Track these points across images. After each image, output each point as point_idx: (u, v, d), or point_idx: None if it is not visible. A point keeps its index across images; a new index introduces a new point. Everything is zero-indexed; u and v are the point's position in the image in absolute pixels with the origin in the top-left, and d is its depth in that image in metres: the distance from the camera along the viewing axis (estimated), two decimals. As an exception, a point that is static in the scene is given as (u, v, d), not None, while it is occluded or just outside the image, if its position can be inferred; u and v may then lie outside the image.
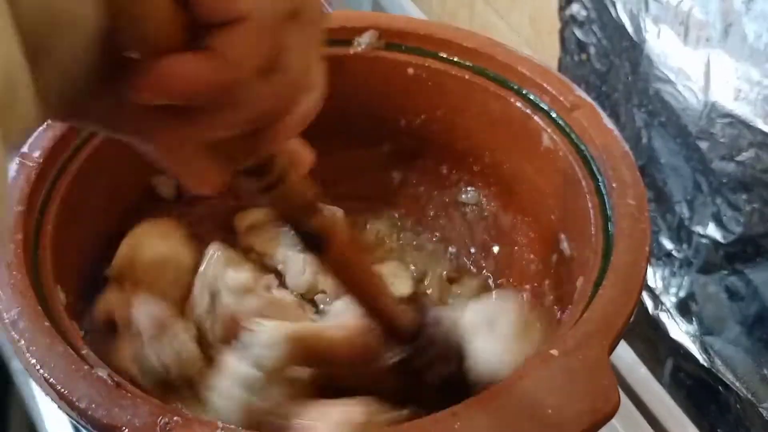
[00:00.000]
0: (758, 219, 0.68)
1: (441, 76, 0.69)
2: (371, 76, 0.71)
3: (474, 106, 0.69)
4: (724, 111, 0.68)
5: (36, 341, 0.49)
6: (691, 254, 0.76)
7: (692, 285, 0.77)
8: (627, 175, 0.58)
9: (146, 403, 0.46)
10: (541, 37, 0.97)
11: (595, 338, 0.49)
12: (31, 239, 0.55)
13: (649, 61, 0.74)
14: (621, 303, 0.51)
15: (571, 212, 0.63)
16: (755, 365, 0.72)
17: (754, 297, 0.71)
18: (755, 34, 0.65)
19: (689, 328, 0.78)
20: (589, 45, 0.85)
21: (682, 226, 0.76)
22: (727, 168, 0.69)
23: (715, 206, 0.72)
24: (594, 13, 0.83)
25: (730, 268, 0.72)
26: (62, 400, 0.46)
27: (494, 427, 0.45)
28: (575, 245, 0.62)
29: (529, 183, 0.68)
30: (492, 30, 1.06)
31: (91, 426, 0.46)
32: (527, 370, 0.47)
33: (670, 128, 0.74)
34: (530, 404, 0.46)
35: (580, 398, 0.46)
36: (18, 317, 0.50)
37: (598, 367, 0.47)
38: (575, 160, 0.62)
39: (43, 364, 0.47)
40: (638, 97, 0.77)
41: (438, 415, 0.46)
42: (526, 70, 0.66)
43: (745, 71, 0.66)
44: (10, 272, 0.52)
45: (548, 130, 0.64)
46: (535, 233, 0.70)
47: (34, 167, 0.58)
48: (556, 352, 0.48)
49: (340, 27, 0.70)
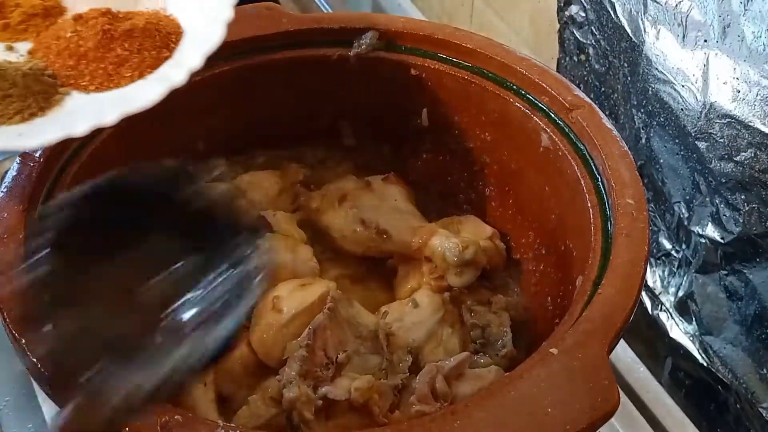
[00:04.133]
0: (757, 219, 0.69)
1: (440, 77, 0.70)
2: (371, 77, 0.71)
3: (473, 106, 0.69)
4: (723, 111, 0.68)
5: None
6: (690, 254, 0.76)
7: (691, 285, 0.77)
8: (626, 174, 0.58)
9: (147, 402, 0.46)
10: (540, 38, 0.97)
11: (595, 337, 0.49)
12: (32, 239, 0.55)
13: (647, 62, 0.75)
14: (620, 302, 0.51)
15: (570, 212, 0.63)
16: (754, 365, 0.72)
17: (753, 297, 0.71)
18: (753, 35, 0.65)
19: (688, 327, 0.78)
20: (588, 46, 0.85)
21: (681, 225, 0.76)
22: (726, 168, 0.69)
23: (714, 206, 0.72)
24: (593, 14, 0.83)
25: (728, 267, 0.72)
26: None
27: (493, 426, 0.45)
28: (574, 244, 0.62)
29: (528, 183, 0.69)
30: (491, 30, 1.06)
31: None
32: (527, 369, 0.48)
33: (669, 128, 0.74)
34: (529, 403, 0.46)
35: (580, 397, 0.46)
36: (19, 317, 0.50)
37: (597, 366, 0.48)
38: (574, 160, 0.62)
39: (44, 364, 0.47)
40: (637, 97, 0.77)
41: (438, 413, 0.46)
42: (525, 70, 0.66)
43: (744, 72, 0.66)
44: (11, 271, 0.52)
45: (547, 130, 0.64)
46: (534, 232, 0.70)
47: (35, 167, 0.58)
48: (555, 351, 0.48)
49: (340, 27, 0.70)
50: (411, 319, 0.63)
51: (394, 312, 0.63)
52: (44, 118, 0.54)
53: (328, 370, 0.55)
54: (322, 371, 0.55)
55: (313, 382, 0.54)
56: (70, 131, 0.51)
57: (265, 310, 0.61)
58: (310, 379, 0.54)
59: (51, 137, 0.52)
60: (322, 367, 0.55)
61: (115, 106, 0.53)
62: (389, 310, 0.64)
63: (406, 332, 0.62)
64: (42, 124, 0.53)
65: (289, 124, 0.74)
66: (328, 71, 0.71)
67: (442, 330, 0.63)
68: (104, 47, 0.56)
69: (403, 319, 0.63)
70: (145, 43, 0.57)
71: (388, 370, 0.58)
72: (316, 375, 0.55)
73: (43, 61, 0.57)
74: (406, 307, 0.64)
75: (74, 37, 0.57)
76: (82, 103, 0.55)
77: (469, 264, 0.65)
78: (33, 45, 0.59)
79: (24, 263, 0.45)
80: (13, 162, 0.59)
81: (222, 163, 0.74)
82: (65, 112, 0.54)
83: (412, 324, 0.62)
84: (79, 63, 0.56)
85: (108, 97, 0.55)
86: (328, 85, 0.71)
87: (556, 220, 0.65)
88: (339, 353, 0.56)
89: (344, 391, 0.54)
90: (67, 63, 0.56)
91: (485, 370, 0.58)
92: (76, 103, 0.55)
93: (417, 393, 0.55)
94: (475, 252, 0.65)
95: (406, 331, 0.62)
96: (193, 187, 0.50)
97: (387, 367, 0.58)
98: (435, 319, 0.63)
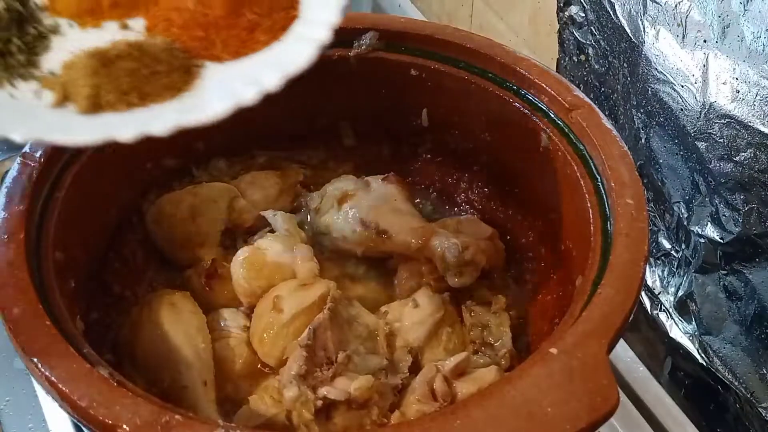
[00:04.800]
0: (756, 219, 0.69)
1: (440, 77, 0.70)
2: (371, 77, 0.71)
3: (473, 106, 0.69)
4: (722, 111, 0.68)
5: (37, 340, 0.49)
6: (690, 254, 0.76)
7: (691, 285, 0.77)
8: (625, 175, 0.58)
9: (147, 402, 0.46)
10: (540, 38, 0.97)
11: (594, 337, 0.49)
12: (32, 238, 0.56)
13: (647, 62, 0.75)
14: (620, 302, 0.51)
15: (569, 212, 0.63)
16: (754, 364, 0.72)
17: (753, 297, 0.71)
18: (753, 35, 0.65)
19: (688, 327, 0.78)
20: (588, 46, 0.85)
21: (681, 226, 0.76)
22: (725, 168, 0.69)
23: (714, 206, 0.72)
24: (593, 14, 0.83)
25: (728, 267, 0.72)
26: (63, 399, 0.47)
27: (493, 426, 0.45)
28: (574, 244, 0.62)
29: (528, 183, 0.69)
30: (491, 31, 1.06)
31: (92, 425, 0.46)
32: (527, 369, 0.48)
33: (669, 129, 0.74)
34: (529, 403, 0.46)
35: (579, 397, 0.46)
36: (19, 316, 0.50)
37: (597, 366, 0.48)
38: (574, 160, 0.62)
39: (44, 364, 0.48)
40: (637, 97, 0.77)
41: (438, 413, 0.46)
42: (525, 70, 0.66)
43: (743, 72, 0.66)
44: (11, 271, 0.52)
45: (547, 130, 0.64)
46: (534, 232, 0.70)
47: (36, 167, 0.58)
48: (555, 351, 0.48)
49: (340, 27, 0.70)
50: (411, 319, 0.63)
51: (394, 312, 0.64)
52: (192, 92, 0.51)
53: (328, 370, 0.55)
54: (322, 371, 0.55)
55: (313, 382, 0.54)
56: (238, 100, 0.48)
57: (265, 310, 0.61)
58: (310, 379, 0.55)
59: (219, 108, 0.48)
60: (322, 367, 0.55)
61: (270, 69, 0.50)
62: (389, 310, 0.64)
63: (406, 332, 0.62)
64: (197, 97, 0.50)
65: (289, 124, 0.74)
66: (328, 71, 0.71)
67: (442, 330, 0.63)
68: (234, 13, 0.53)
69: (403, 319, 0.63)
70: (273, 3, 0.54)
71: (388, 370, 0.58)
72: (316, 375, 0.55)
73: (167, 35, 0.53)
74: (406, 307, 0.64)
75: (198, 6, 0.53)
76: (227, 72, 0.52)
77: (468, 264, 0.65)
78: (147, 21, 0.55)
79: None
80: (13, 162, 0.59)
81: (222, 163, 0.74)
82: (213, 84, 0.51)
83: (412, 324, 0.62)
84: (209, 32, 0.53)
85: (254, 63, 0.52)
86: (328, 85, 0.71)
87: (556, 221, 0.65)
88: (339, 353, 0.56)
89: (344, 391, 0.54)
90: (196, 34, 0.53)
91: (485, 370, 0.58)
92: (218, 73, 0.52)
93: (417, 393, 0.55)
94: (475, 252, 0.65)
95: (406, 331, 0.62)
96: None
97: (387, 367, 0.59)
98: (435, 319, 0.63)
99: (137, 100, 0.49)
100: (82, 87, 0.49)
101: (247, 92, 0.49)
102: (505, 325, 0.65)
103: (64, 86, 0.50)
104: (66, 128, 0.48)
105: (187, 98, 0.50)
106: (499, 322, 0.65)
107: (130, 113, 0.49)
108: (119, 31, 0.55)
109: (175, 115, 0.48)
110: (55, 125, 0.48)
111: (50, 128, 0.48)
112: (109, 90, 0.49)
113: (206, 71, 0.52)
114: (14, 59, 0.52)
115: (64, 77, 0.51)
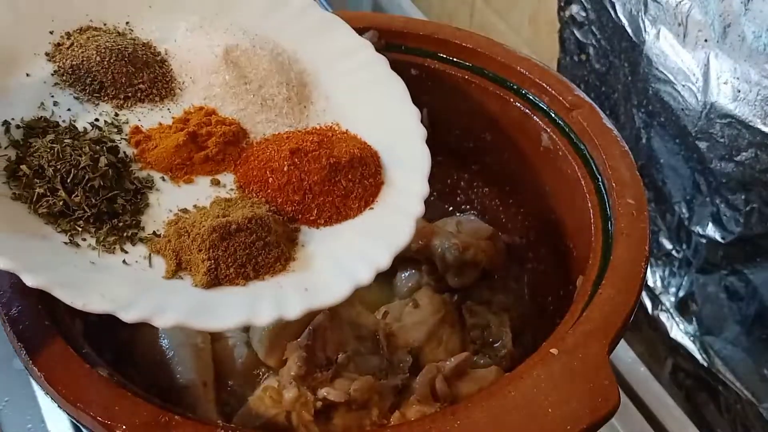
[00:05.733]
0: (757, 219, 0.69)
1: (440, 76, 0.70)
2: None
3: (473, 106, 0.69)
4: (723, 111, 0.68)
5: (36, 340, 0.49)
6: (691, 254, 0.76)
7: (692, 285, 0.77)
8: (626, 174, 0.58)
9: (147, 402, 0.46)
10: (540, 38, 0.97)
11: (595, 337, 0.49)
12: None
13: (648, 62, 0.75)
14: (620, 302, 0.51)
15: (570, 212, 0.63)
16: (755, 365, 0.72)
17: (754, 297, 0.71)
18: (754, 34, 0.65)
19: (689, 327, 0.78)
20: (589, 45, 0.85)
21: (682, 226, 0.76)
22: (726, 168, 0.69)
23: (715, 206, 0.72)
24: (593, 13, 0.83)
25: (729, 268, 0.72)
26: (62, 399, 0.46)
27: (494, 426, 0.45)
28: (574, 244, 0.62)
29: (528, 183, 0.69)
30: (491, 30, 1.06)
31: (91, 425, 0.46)
32: (527, 369, 0.48)
33: (670, 128, 0.74)
34: (530, 403, 0.46)
35: (580, 397, 0.46)
36: (19, 316, 0.50)
37: (597, 366, 0.47)
38: (574, 160, 0.62)
39: (43, 364, 0.48)
40: (637, 97, 0.77)
41: (438, 414, 0.46)
42: (526, 70, 0.66)
43: (744, 72, 0.66)
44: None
45: (547, 130, 0.64)
46: (534, 232, 0.70)
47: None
48: (555, 351, 0.48)
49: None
50: (411, 319, 0.63)
51: (394, 312, 0.63)
52: (301, 263, 0.50)
53: (327, 370, 0.55)
54: (322, 372, 0.55)
55: (312, 383, 0.54)
56: (357, 282, 0.49)
57: (265, 310, 0.61)
58: (309, 379, 0.54)
59: (344, 291, 0.48)
60: (322, 367, 0.55)
61: (379, 246, 0.51)
62: (389, 310, 0.64)
63: (406, 332, 0.62)
64: (310, 271, 0.50)
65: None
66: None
67: (442, 330, 0.63)
68: (330, 180, 0.53)
69: (403, 320, 0.63)
70: (364, 171, 0.55)
71: (388, 371, 0.58)
72: (315, 376, 0.55)
73: (262, 195, 0.53)
74: (406, 307, 0.64)
75: (294, 170, 0.53)
76: (327, 242, 0.52)
77: (468, 264, 0.65)
78: (237, 177, 0.55)
79: None
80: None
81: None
82: (320, 256, 0.51)
83: (412, 324, 0.62)
84: (305, 197, 0.53)
85: (354, 233, 0.53)
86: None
87: (556, 221, 0.65)
88: (339, 354, 0.56)
89: (344, 392, 0.53)
90: (293, 198, 0.53)
91: (485, 371, 0.58)
92: (317, 240, 0.52)
93: (417, 393, 0.55)
94: (475, 252, 0.65)
95: (406, 332, 0.62)
96: None
97: (387, 368, 0.58)
98: (435, 320, 0.63)
99: (253, 273, 0.49)
100: (202, 261, 0.48)
101: (363, 273, 0.49)
102: (505, 325, 0.65)
103: (176, 254, 0.49)
104: (203, 311, 0.46)
105: (300, 272, 0.50)
106: (500, 322, 0.65)
107: (248, 288, 0.49)
108: (211, 187, 0.54)
109: (300, 297, 0.48)
110: (193, 308, 0.46)
111: (190, 312, 0.46)
112: (229, 264, 0.49)
113: (304, 237, 0.53)
114: (122, 220, 0.50)
115: (175, 244, 0.49)
